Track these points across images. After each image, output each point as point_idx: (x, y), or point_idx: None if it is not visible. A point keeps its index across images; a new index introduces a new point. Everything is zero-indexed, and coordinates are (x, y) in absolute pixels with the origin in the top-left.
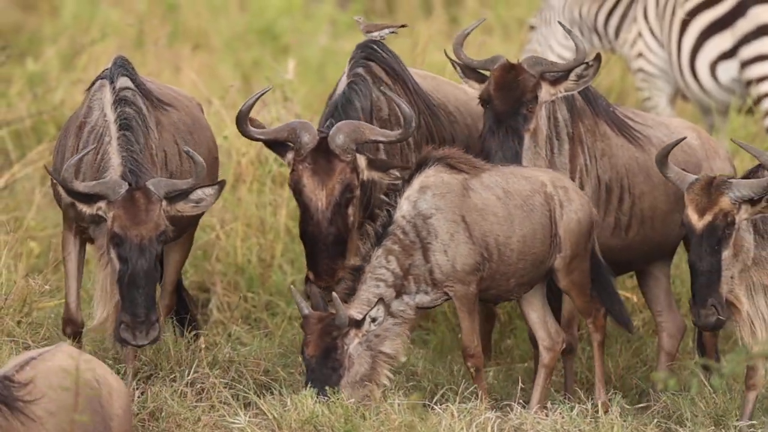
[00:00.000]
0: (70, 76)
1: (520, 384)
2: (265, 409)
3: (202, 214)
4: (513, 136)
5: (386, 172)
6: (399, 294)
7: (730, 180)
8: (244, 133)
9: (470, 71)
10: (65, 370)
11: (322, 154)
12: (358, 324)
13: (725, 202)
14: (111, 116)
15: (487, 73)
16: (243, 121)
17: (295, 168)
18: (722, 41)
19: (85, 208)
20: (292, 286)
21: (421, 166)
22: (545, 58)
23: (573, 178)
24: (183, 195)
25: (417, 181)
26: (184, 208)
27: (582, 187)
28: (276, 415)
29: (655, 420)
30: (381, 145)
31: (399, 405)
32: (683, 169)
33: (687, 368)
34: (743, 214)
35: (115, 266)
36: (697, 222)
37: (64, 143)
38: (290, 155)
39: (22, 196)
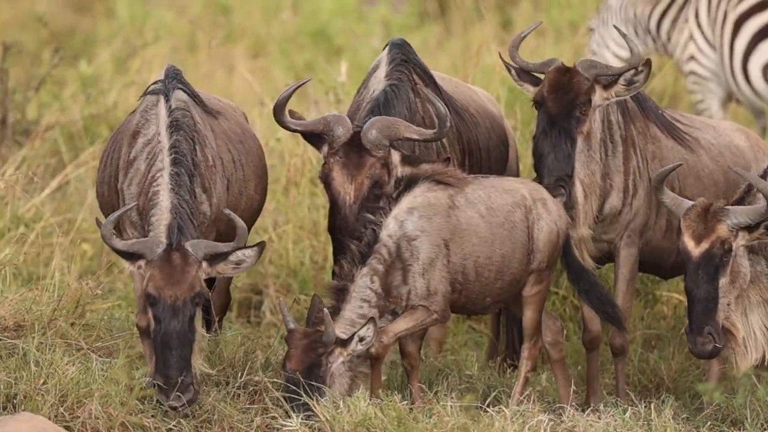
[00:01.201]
0: (124, 79)
1: (572, 386)
2: (318, 412)
3: (256, 220)
4: (566, 138)
5: (417, 167)
6: (382, 314)
7: (727, 207)
8: (281, 123)
9: (525, 74)
10: None
11: (354, 148)
12: (343, 343)
13: (723, 229)
14: (165, 141)
15: (542, 76)
16: (280, 112)
17: (326, 161)
18: None
19: (128, 266)
20: (281, 298)
21: (410, 185)
22: (599, 62)
23: (626, 181)
24: (223, 257)
25: (405, 201)
26: (224, 269)
27: (635, 189)
28: (329, 417)
29: (708, 423)
30: (416, 145)
31: (452, 407)
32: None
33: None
34: (740, 241)
35: (151, 326)
36: (694, 249)
37: (115, 152)
38: (326, 148)
39: (75, 198)
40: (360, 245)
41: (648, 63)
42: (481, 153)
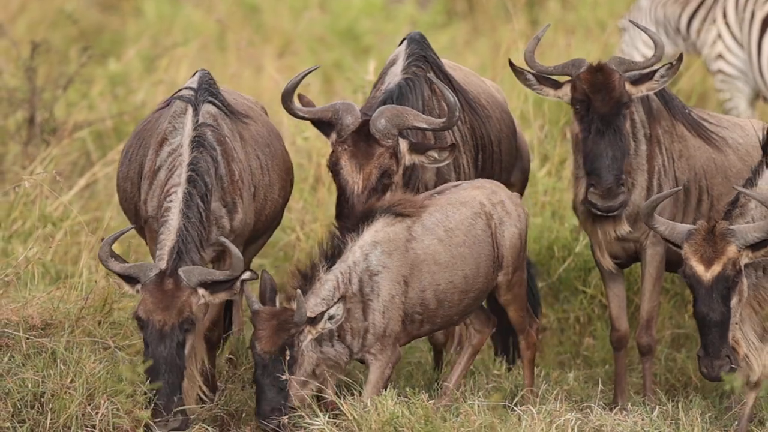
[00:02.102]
0: (152, 78)
1: (600, 386)
2: (345, 410)
3: (281, 217)
4: (620, 136)
5: (424, 154)
6: (332, 338)
7: (732, 227)
8: (289, 110)
9: (544, 78)
10: None
11: (363, 137)
12: (312, 321)
13: (732, 250)
14: (186, 155)
15: (562, 77)
16: (288, 99)
17: (334, 149)
18: None
19: (127, 289)
20: (245, 281)
21: (367, 217)
22: (626, 58)
23: (650, 179)
24: (221, 284)
25: (368, 234)
26: (221, 296)
27: (660, 188)
28: (356, 416)
29: (736, 422)
30: (428, 135)
31: (479, 406)
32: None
33: None
34: (744, 260)
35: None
36: (705, 273)
37: (141, 149)
38: (334, 136)
39: (103, 196)
40: (331, 249)
41: (680, 58)
42: (493, 147)
